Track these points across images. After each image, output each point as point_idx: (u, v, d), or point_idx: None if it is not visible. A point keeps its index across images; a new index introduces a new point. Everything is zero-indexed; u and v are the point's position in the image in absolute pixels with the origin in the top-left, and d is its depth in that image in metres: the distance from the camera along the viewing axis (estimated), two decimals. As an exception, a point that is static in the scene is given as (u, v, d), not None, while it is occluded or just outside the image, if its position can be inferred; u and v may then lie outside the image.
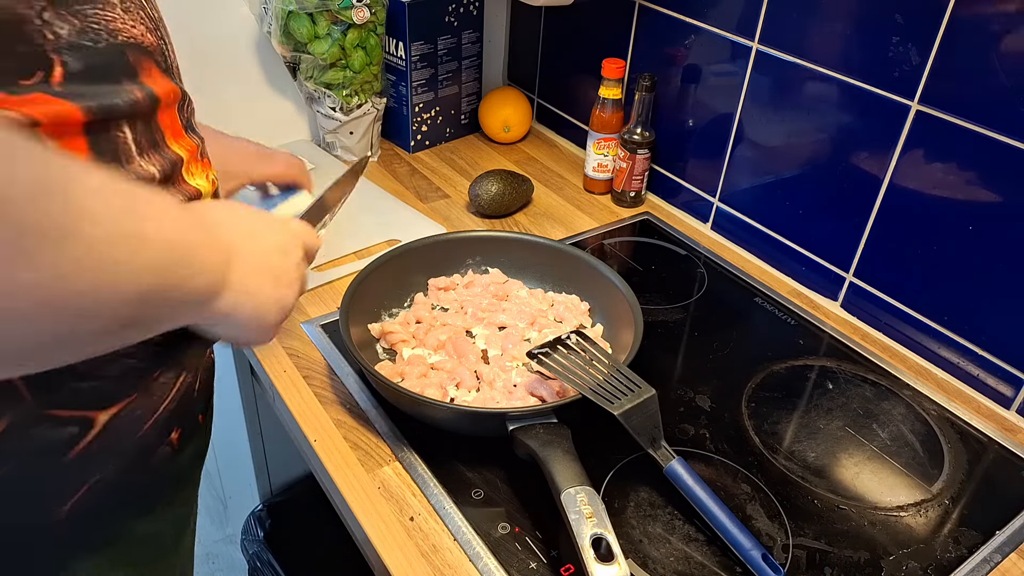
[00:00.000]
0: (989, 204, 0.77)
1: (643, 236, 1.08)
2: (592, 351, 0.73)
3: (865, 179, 0.87)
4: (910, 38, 0.79)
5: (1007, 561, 0.66)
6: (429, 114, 1.25)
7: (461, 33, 1.22)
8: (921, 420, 0.80)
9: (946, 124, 0.78)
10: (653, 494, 0.69)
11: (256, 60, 1.14)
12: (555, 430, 0.66)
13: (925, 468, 0.74)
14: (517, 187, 1.08)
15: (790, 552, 0.65)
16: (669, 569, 0.63)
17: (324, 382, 0.79)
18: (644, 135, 1.08)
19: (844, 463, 0.74)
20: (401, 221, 1.05)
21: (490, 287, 0.89)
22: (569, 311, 0.86)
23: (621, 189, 1.13)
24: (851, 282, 0.93)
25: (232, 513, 1.52)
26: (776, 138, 0.96)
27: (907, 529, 0.68)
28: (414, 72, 1.18)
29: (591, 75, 1.18)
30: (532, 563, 0.62)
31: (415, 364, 0.77)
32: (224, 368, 1.07)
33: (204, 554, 1.60)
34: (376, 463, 0.71)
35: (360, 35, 1.09)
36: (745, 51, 0.96)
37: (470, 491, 0.68)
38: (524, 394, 0.75)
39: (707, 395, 0.81)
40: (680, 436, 0.75)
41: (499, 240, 0.92)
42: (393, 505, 0.67)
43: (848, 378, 0.84)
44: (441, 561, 0.62)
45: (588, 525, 0.57)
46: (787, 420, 0.79)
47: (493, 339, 0.82)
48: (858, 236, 0.90)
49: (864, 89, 0.85)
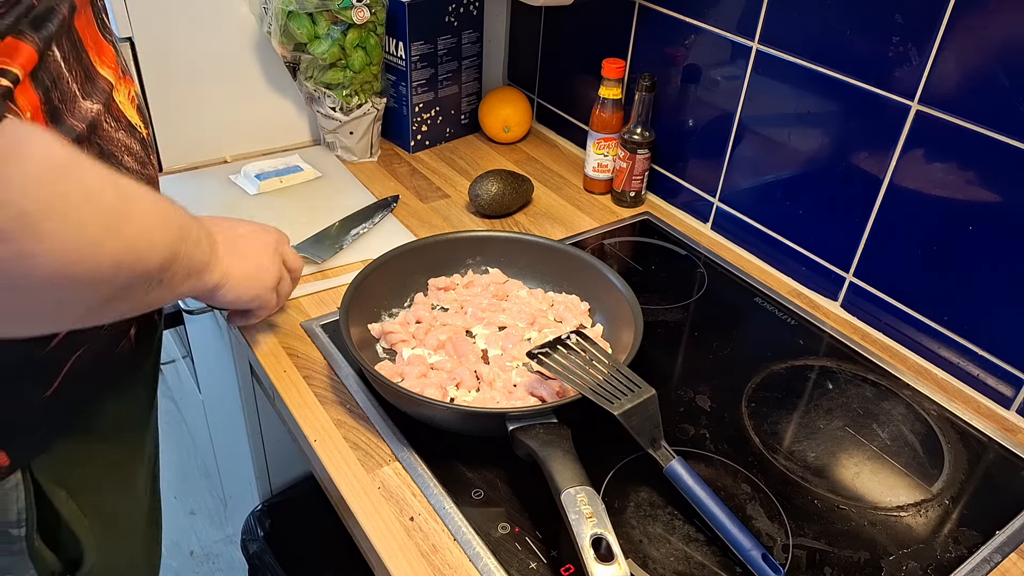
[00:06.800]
0: (989, 204, 0.77)
1: (643, 236, 1.08)
2: (592, 351, 0.73)
3: (865, 179, 0.87)
4: (910, 38, 0.79)
5: (1007, 561, 0.66)
6: (429, 114, 1.25)
7: (461, 33, 1.22)
8: (921, 420, 0.80)
9: (946, 124, 0.78)
10: (653, 494, 0.69)
11: (256, 60, 1.14)
12: (555, 430, 0.66)
13: (925, 468, 0.74)
14: (517, 187, 1.08)
15: (790, 552, 0.65)
16: (669, 569, 0.63)
17: (324, 382, 0.79)
18: (644, 135, 1.08)
19: (844, 463, 0.74)
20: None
21: (490, 287, 0.89)
22: (569, 311, 0.86)
23: (621, 189, 1.13)
24: (851, 282, 0.93)
25: (232, 513, 1.52)
26: (776, 138, 0.96)
27: (907, 529, 0.68)
28: (414, 72, 1.18)
29: (591, 75, 1.18)
30: (532, 563, 0.62)
31: (415, 364, 0.77)
32: (224, 368, 1.07)
33: (204, 554, 1.60)
34: (376, 463, 0.71)
35: (360, 35, 1.09)
36: (745, 51, 0.96)
37: (470, 491, 0.68)
38: (524, 394, 0.75)
39: (707, 395, 0.81)
40: (680, 436, 0.75)
41: (499, 240, 0.92)
42: (393, 505, 0.67)
43: (848, 378, 0.84)
44: (441, 561, 0.62)
45: (588, 525, 0.57)
46: (787, 420, 0.79)
47: (493, 339, 0.82)
48: (858, 236, 0.90)
49: (864, 89, 0.85)
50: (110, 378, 0.64)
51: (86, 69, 0.54)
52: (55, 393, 0.56)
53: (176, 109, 1.10)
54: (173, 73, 1.07)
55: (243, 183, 1.10)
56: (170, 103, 1.09)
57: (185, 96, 1.10)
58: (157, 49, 1.04)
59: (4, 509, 0.57)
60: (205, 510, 1.69)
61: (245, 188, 1.10)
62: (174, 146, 1.12)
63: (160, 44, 1.04)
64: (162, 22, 1.03)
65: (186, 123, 1.13)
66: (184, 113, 1.12)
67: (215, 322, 1.04)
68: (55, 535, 0.61)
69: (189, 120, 1.13)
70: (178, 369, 1.63)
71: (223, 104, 1.14)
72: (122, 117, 0.59)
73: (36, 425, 0.57)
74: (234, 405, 1.07)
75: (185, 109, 1.11)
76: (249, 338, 0.84)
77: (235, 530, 1.52)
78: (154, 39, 1.03)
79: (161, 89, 1.07)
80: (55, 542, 0.62)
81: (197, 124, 1.14)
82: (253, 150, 1.20)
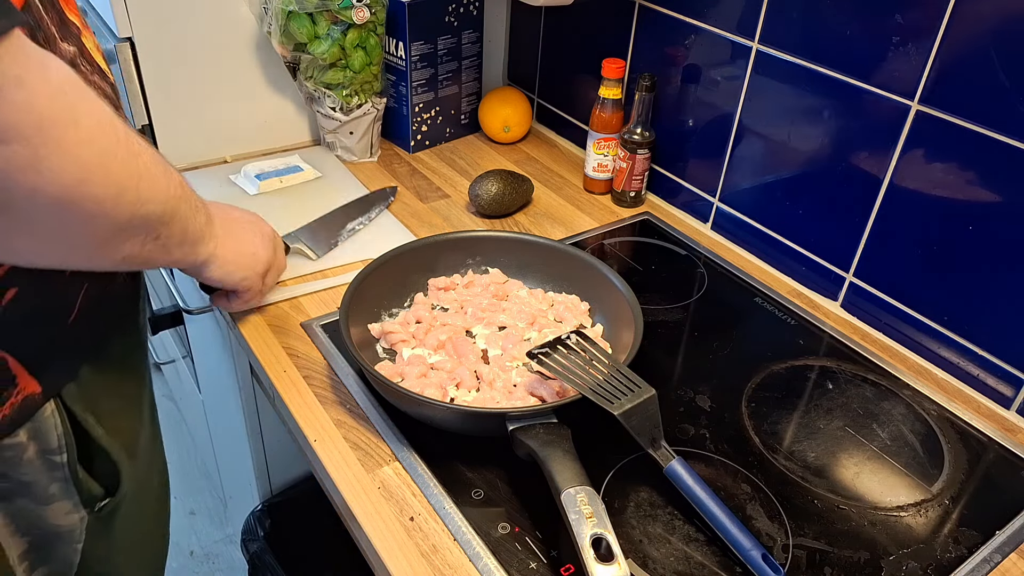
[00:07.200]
0: (989, 204, 0.77)
1: (643, 236, 1.08)
2: (592, 351, 0.73)
3: (865, 179, 0.87)
4: (910, 38, 0.79)
5: (1007, 561, 0.66)
6: (429, 114, 1.25)
7: (461, 33, 1.22)
8: (921, 420, 0.80)
9: (946, 124, 0.78)
10: (653, 494, 0.69)
11: (256, 60, 1.14)
12: (555, 430, 0.66)
13: (925, 468, 0.74)
14: (517, 187, 1.08)
15: (790, 552, 0.65)
16: (669, 569, 0.63)
17: (324, 382, 0.79)
18: (644, 135, 1.08)
19: (844, 463, 0.74)
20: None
21: (490, 287, 0.89)
22: (569, 311, 0.86)
23: (621, 189, 1.13)
24: (851, 282, 0.93)
25: (232, 513, 1.52)
26: (776, 138, 0.96)
27: (907, 529, 0.68)
28: (414, 72, 1.19)
29: (591, 75, 1.18)
30: (532, 563, 0.62)
31: (415, 364, 0.77)
32: (224, 368, 1.07)
33: (204, 554, 1.61)
34: (376, 463, 0.71)
35: (360, 35, 1.09)
36: (745, 51, 0.96)
37: (470, 491, 0.68)
38: (524, 394, 0.75)
39: (707, 395, 0.81)
40: (680, 436, 0.75)
41: (499, 240, 0.92)
42: (393, 505, 0.67)
43: (848, 378, 0.84)
44: (441, 561, 0.62)
45: (588, 525, 0.57)
46: (787, 420, 0.79)
47: (493, 339, 0.82)
48: (858, 236, 0.90)
49: (864, 89, 0.85)
50: (115, 310, 0.68)
51: (59, 13, 0.57)
52: (75, 321, 0.60)
53: (176, 109, 1.10)
54: (173, 73, 1.07)
55: (243, 183, 1.10)
56: (170, 103, 1.09)
57: (185, 96, 1.10)
58: (157, 49, 1.04)
59: (46, 437, 0.60)
60: (205, 510, 1.69)
61: (245, 188, 1.10)
62: (174, 146, 1.12)
63: (160, 44, 1.04)
64: (162, 22, 1.03)
65: (186, 123, 1.13)
66: (184, 113, 1.12)
67: (215, 322, 1.04)
68: (91, 463, 0.65)
69: (189, 120, 1.13)
70: (178, 369, 1.63)
71: (223, 104, 1.14)
72: (93, 62, 0.61)
73: (62, 353, 0.60)
74: (234, 405, 1.07)
75: (185, 109, 1.11)
76: (249, 338, 0.84)
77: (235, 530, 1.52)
78: (154, 39, 1.03)
79: (161, 89, 1.07)
80: (91, 470, 0.65)
81: (197, 124, 1.14)
82: (253, 150, 1.20)
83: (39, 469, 0.61)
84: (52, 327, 0.59)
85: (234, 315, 0.86)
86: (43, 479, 0.61)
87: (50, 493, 0.62)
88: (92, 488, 0.66)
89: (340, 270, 0.95)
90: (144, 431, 0.73)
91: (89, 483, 0.65)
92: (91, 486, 0.65)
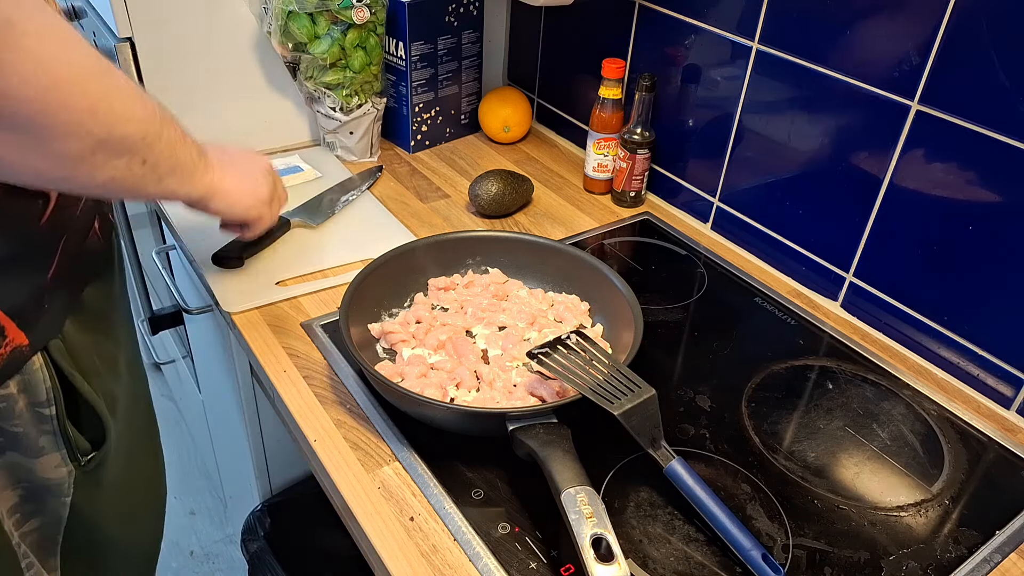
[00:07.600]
0: (989, 204, 0.77)
1: (643, 236, 1.08)
2: (592, 351, 0.73)
3: (865, 179, 0.87)
4: (910, 38, 0.79)
5: (1007, 561, 0.66)
6: (429, 114, 1.25)
7: (461, 33, 1.22)
8: (921, 420, 0.80)
9: (946, 124, 0.78)
10: (653, 494, 0.69)
11: (256, 60, 1.14)
12: (555, 430, 0.66)
13: (925, 468, 0.74)
14: (517, 187, 1.08)
15: (790, 552, 0.65)
16: (669, 569, 0.63)
17: (324, 382, 0.79)
18: (644, 135, 1.08)
19: (844, 463, 0.74)
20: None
21: (490, 287, 0.89)
22: (569, 311, 0.86)
23: (621, 189, 1.13)
24: (851, 282, 0.93)
25: (232, 513, 1.52)
26: (776, 138, 0.96)
27: (907, 529, 0.68)
28: (414, 72, 1.19)
29: (591, 75, 1.18)
30: (532, 563, 0.62)
31: (415, 364, 0.77)
32: (224, 368, 1.07)
33: (204, 554, 1.61)
34: (376, 463, 0.71)
35: (360, 35, 1.09)
36: (745, 51, 0.96)
37: (470, 491, 0.68)
38: (524, 394, 0.75)
39: (707, 395, 0.81)
40: (680, 436, 0.75)
41: (499, 240, 0.92)
42: (393, 505, 0.67)
43: (848, 378, 0.84)
44: (441, 561, 0.62)
45: (588, 525, 0.57)
46: (787, 420, 0.79)
47: (493, 339, 0.82)
48: (858, 236, 0.90)
49: (864, 89, 0.85)
50: (92, 268, 0.71)
51: None
52: (55, 276, 0.63)
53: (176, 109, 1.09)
54: (173, 73, 1.07)
55: (243, 183, 1.10)
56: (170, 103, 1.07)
57: (185, 96, 1.10)
58: (157, 49, 1.04)
59: (35, 390, 0.63)
60: (205, 510, 1.69)
61: (245, 188, 1.09)
62: (174, 146, 1.12)
63: (160, 44, 1.04)
64: (162, 22, 1.03)
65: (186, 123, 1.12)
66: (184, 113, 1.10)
67: (215, 322, 1.04)
68: (78, 417, 0.68)
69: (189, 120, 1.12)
70: (178, 369, 1.63)
71: (223, 104, 1.13)
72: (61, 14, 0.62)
73: (46, 307, 0.62)
74: (234, 405, 1.07)
75: (185, 109, 1.10)
76: (249, 338, 0.84)
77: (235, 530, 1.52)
78: (154, 39, 1.03)
79: (161, 89, 1.07)
80: (78, 424, 0.68)
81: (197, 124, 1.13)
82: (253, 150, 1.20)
83: (29, 421, 0.63)
84: (34, 280, 0.61)
85: (234, 315, 0.86)
86: (33, 431, 0.64)
87: (40, 446, 0.65)
88: (79, 442, 0.68)
89: (340, 270, 0.95)
90: (123, 390, 0.75)
91: (77, 437, 0.67)
92: (78, 440, 0.68)
